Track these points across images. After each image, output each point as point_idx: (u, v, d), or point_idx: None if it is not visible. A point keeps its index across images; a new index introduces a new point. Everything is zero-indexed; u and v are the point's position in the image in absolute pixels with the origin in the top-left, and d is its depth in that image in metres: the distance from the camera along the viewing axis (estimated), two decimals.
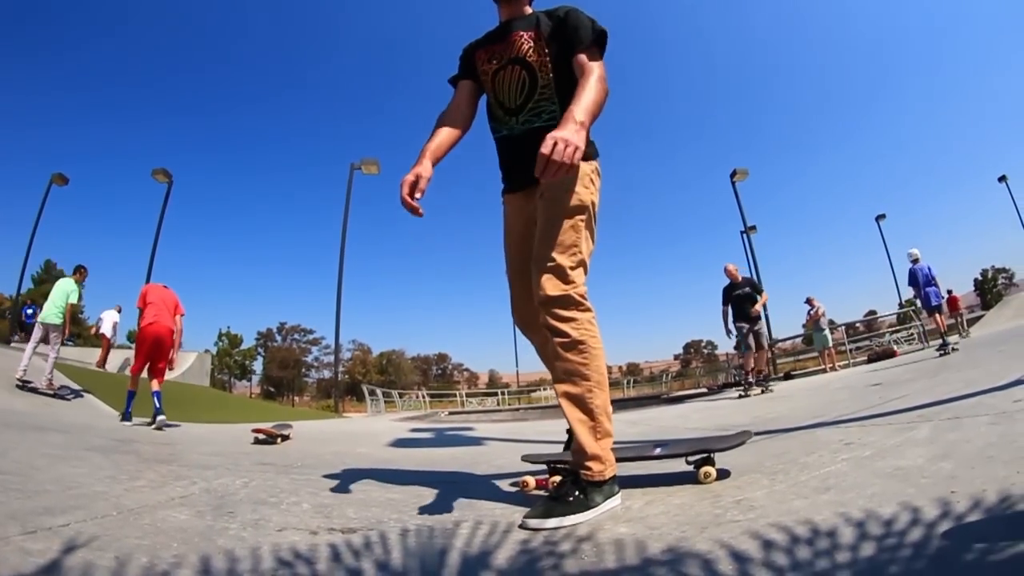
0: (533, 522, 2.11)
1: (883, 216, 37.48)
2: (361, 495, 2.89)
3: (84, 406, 10.44)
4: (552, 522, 2.09)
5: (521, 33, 2.76)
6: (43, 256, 61.95)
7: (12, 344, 19.33)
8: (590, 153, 2.69)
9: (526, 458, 3.16)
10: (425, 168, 2.53)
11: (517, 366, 45.25)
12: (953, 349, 11.59)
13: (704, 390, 21.14)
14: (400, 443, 6.48)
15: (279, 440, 6.08)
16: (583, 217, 2.56)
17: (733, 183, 28.36)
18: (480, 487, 3.11)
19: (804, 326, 20.29)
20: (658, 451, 2.89)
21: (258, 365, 79.17)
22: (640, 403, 20.60)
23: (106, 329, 20.79)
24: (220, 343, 73.48)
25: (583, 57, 2.58)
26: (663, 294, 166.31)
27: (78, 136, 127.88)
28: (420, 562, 1.80)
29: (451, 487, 3.06)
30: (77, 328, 60.23)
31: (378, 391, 27.11)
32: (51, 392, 10.23)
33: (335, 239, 24.35)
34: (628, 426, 7.00)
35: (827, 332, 18.67)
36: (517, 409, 28.01)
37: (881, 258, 36.70)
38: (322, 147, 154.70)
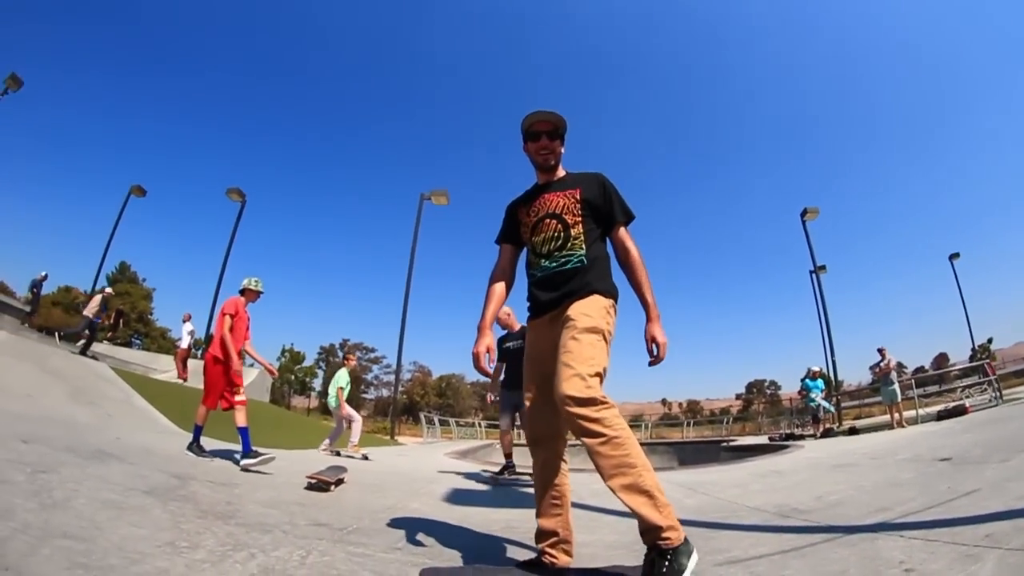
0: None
1: (957, 255, 36.48)
2: None
3: (143, 417, 10.73)
4: None
5: (558, 193, 3.42)
6: (119, 258, 64.64)
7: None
8: (613, 293, 3.30)
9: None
10: (489, 340, 3.25)
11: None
12: None
13: (766, 441, 20.77)
14: (456, 498, 6.47)
15: (333, 488, 6.13)
16: (599, 337, 3.02)
17: (804, 222, 28.10)
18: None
19: (873, 373, 19.83)
20: None
21: (318, 382, 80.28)
22: (699, 450, 20.36)
23: (183, 343, 22.09)
24: (282, 359, 74.87)
25: (624, 232, 3.43)
26: (728, 332, 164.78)
27: (159, 154, 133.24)
28: None
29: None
30: (145, 328, 62.40)
31: (435, 419, 27.31)
32: (359, 456, 11.41)
33: (404, 260, 24.82)
34: (685, 495, 6.87)
35: (896, 387, 18.11)
36: (573, 445, 27.84)
37: (954, 298, 35.70)
38: (396, 174, 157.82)
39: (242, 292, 8.33)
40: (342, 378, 13.36)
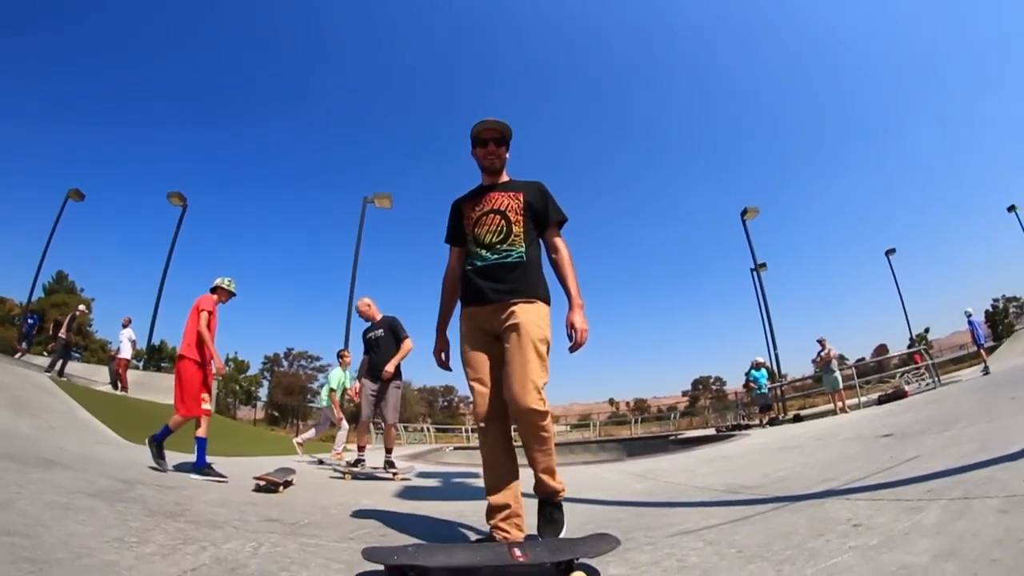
0: (548, 540, 3.22)
1: (893, 251, 37.47)
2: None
3: (88, 430, 10.49)
4: (562, 534, 3.34)
5: (504, 193, 3.72)
6: (56, 267, 62.49)
7: (16, 357, 19.34)
8: (549, 300, 3.65)
9: (369, 556, 2.68)
10: (445, 343, 3.85)
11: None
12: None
13: (712, 432, 21.06)
14: (406, 493, 6.47)
15: (281, 488, 6.06)
16: (546, 348, 3.43)
17: (744, 221, 28.51)
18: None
19: (814, 364, 20.28)
20: (519, 558, 2.73)
21: (263, 391, 79.00)
22: (647, 444, 20.55)
23: (124, 352, 20.91)
24: (226, 368, 73.48)
25: (557, 233, 3.81)
26: (672, 330, 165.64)
27: (96, 155, 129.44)
28: None
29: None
30: (84, 341, 60.53)
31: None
32: (343, 463, 10.00)
33: (346, 265, 24.45)
34: (635, 481, 7.00)
35: (837, 375, 18.60)
36: (520, 445, 27.81)
37: (891, 292, 36.67)
38: (336, 175, 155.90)
39: (213, 291, 7.93)
40: (334, 379, 13.23)
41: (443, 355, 3.84)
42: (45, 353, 22.51)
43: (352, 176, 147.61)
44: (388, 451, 9.27)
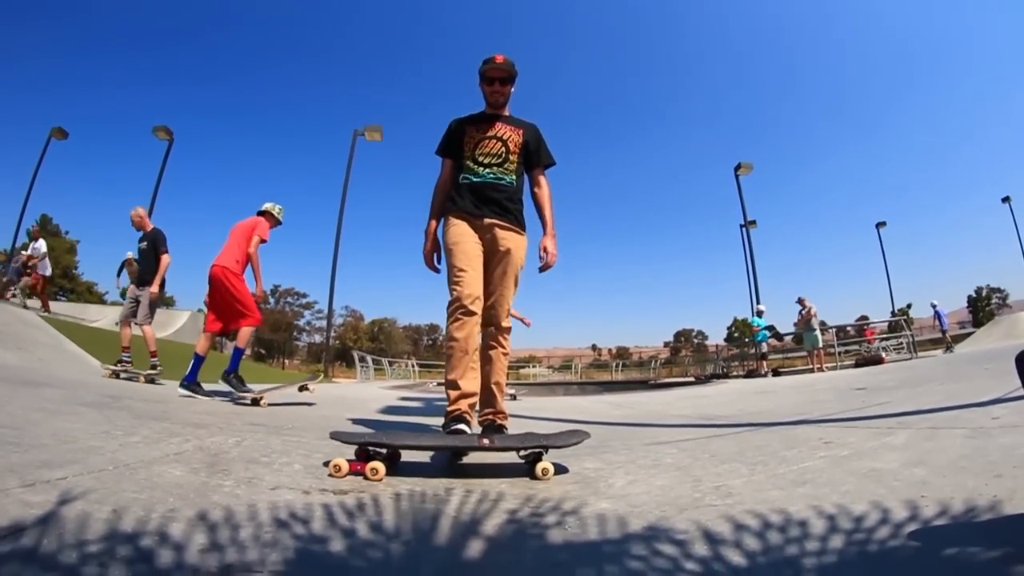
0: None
1: (883, 223, 37.32)
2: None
3: (77, 361, 10.49)
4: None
5: (507, 125, 3.99)
6: (40, 210, 61.68)
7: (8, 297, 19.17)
8: (524, 229, 3.97)
9: (336, 436, 2.82)
10: (437, 244, 4.01)
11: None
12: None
13: (692, 379, 21.27)
14: (389, 411, 6.54)
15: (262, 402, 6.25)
16: (519, 274, 3.89)
17: (737, 176, 28.26)
18: (468, 458, 3.16)
19: (795, 325, 20.30)
20: (486, 442, 2.85)
21: None
22: (627, 387, 20.73)
23: (45, 268, 19.14)
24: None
25: (543, 173, 4.14)
26: (658, 281, 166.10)
27: (80, 92, 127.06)
28: (412, 525, 1.86)
29: (441, 457, 3.13)
30: (71, 284, 59.94)
31: (368, 358, 27.12)
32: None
33: (334, 204, 24.25)
34: (612, 408, 7.12)
35: (818, 332, 18.66)
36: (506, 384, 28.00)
37: (878, 264, 36.60)
38: (325, 110, 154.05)
39: (261, 215, 7.66)
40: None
41: (436, 256, 4.03)
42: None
43: (343, 109, 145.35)
44: (152, 354, 9.26)
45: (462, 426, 3.34)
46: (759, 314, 21.01)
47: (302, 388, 8.22)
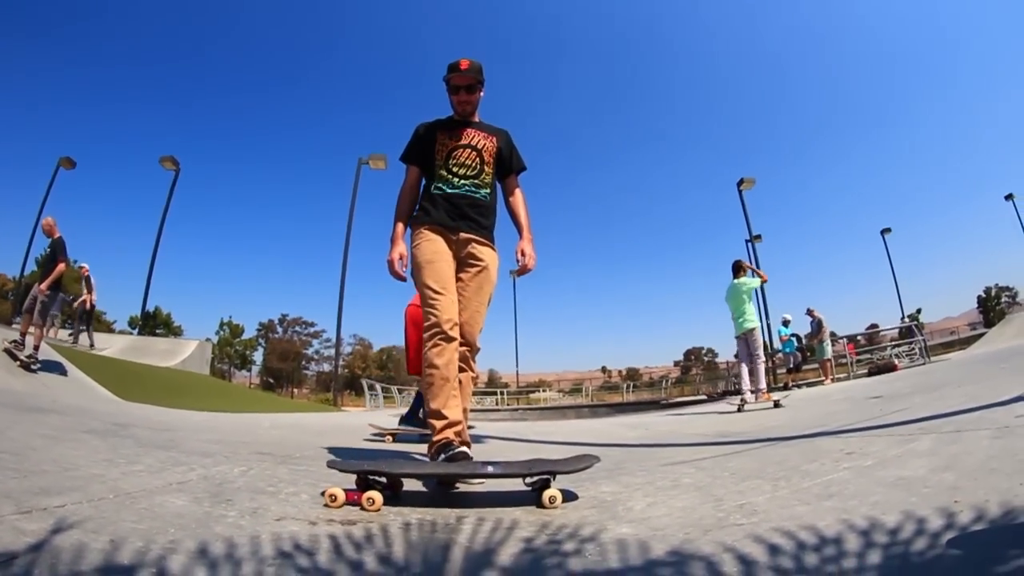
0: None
1: (888, 230, 37.25)
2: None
3: (83, 388, 10.44)
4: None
5: (479, 132, 3.83)
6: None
7: (13, 325, 19.28)
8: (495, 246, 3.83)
9: (333, 465, 2.77)
10: (402, 248, 3.70)
11: (517, 366, 44.95)
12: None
13: (704, 397, 21.10)
14: (400, 439, 6.46)
15: (389, 439, 6.16)
16: (492, 292, 3.76)
17: (740, 192, 28.30)
18: (470, 487, 3.08)
19: (807, 338, 20.10)
20: (491, 469, 2.73)
21: (258, 356, 79.08)
22: (639, 408, 20.60)
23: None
24: (221, 332, 73.42)
25: (516, 180, 4.02)
26: (665, 300, 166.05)
27: (88, 123, 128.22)
28: (424, 557, 1.78)
29: (421, 495, 3.03)
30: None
31: (377, 386, 27.06)
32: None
33: (340, 232, 24.34)
34: (627, 430, 7.01)
35: (827, 344, 18.56)
36: (516, 409, 27.91)
37: (885, 272, 36.48)
38: (330, 139, 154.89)
39: None
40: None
41: (402, 260, 3.70)
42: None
43: (348, 139, 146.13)
44: (35, 348, 10.17)
45: (464, 449, 3.17)
46: (785, 323, 20.68)
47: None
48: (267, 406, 14.97)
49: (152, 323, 54.35)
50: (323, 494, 2.50)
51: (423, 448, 4.80)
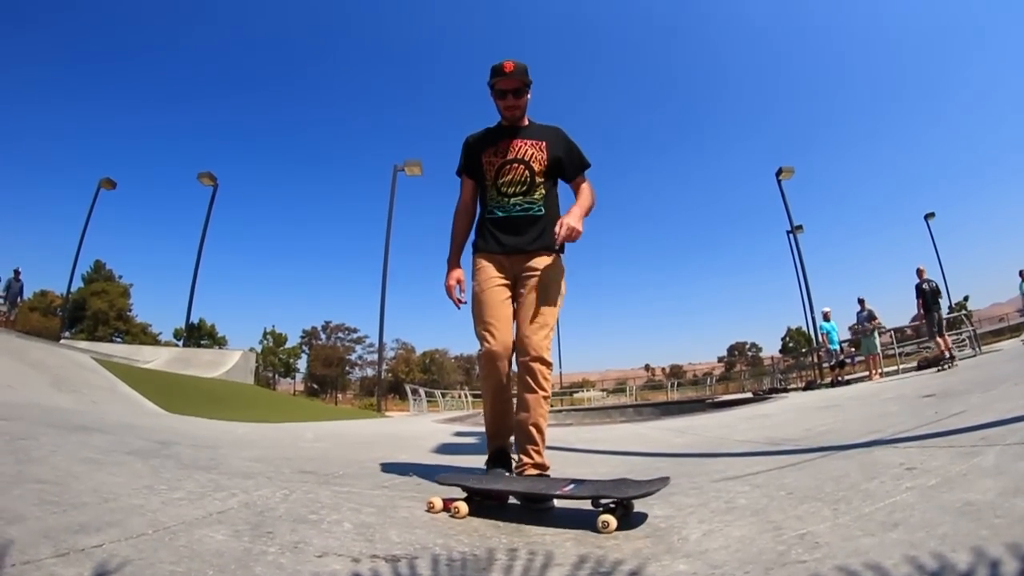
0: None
1: (932, 214, 36.55)
2: (405, 513, 2.81)
3: (129, 403, 10.59)
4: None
5: (527, 142, 3.61)
6: (93, 256, 63.55)
7: (62, 341, 19.70)
8: (563, 251, 3.66)
9: (441, 480, 3.17)
10: (460, 273, 3.66)
11: (560, 367, 44.89)
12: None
13: (749, 395, 20.83)
14: (443, 449, 6.40)
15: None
16: (560, 300, 3.54)
17: (779, 181, 27.98)
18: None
19: (851, 330, 19.71)
20: (569, 488, 2.74)
21: (302, 363, 79.93)
22: (684, 408, 20.34)
23: None
24: (265, 342, 74.43)
25: (582, 177, 3.76)
26: (707, 296, 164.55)
27: (126, 142, 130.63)
28: None
29: (498, 507, 2.97)
30: (126, 325, 61.57)
31: (420, 390, 27.20)
32: None
33: (380, 237, 24.51)
34: (674, 436, 6.88)
35: (876, 338, 18.17)
36: (559, 411, 27.75)
37: (930, 257, 35.75)
38: (368, 145, 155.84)
39: None
40: None
41: (459, 286, 3.65)
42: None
43: (383, 144, 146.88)
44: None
45: (533, 471, 3.26)
46: (826, 318, 20.17)
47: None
48: (310, 414, 15.07)
49: (197, 335, 55.39)
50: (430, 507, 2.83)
51: (477, 461, 4.78)
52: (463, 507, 2.72)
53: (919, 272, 16.02)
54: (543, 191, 3.57)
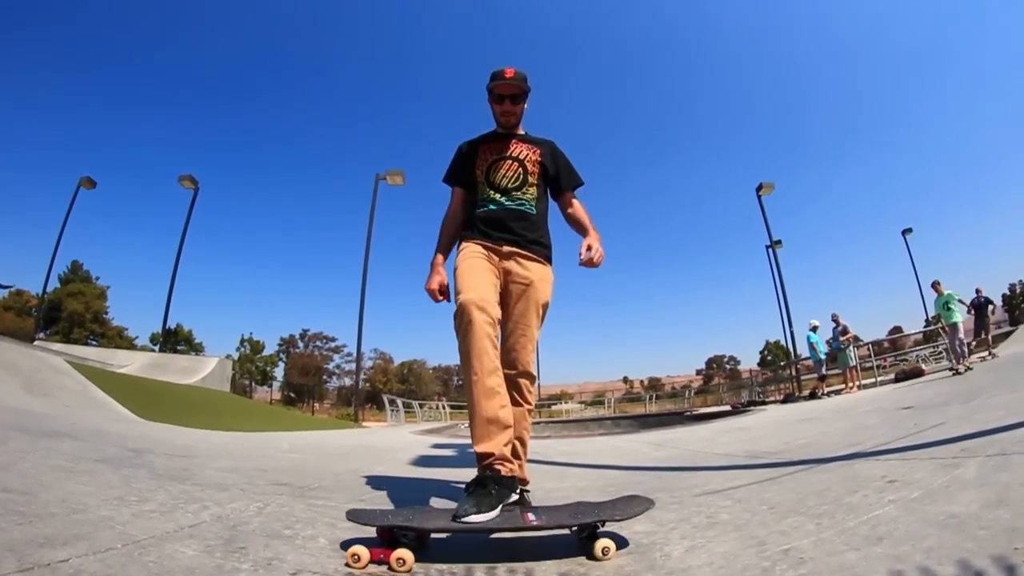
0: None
1: (909, 230, 37.00)
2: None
3: (102, 407, 10.44)
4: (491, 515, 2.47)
5: (523, 144, 3.61)
6: (70, 257, 62.85)
7: (36, 342, 19.44)
8: (551, 259, 3.57)
9: (353, 517, 2.43)
10: (443, 278, 3.46)
11: (538, 379, 44.73)
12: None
13: (728, 408, 20.89)
14: (421, 461, 6.35)
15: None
16: (544, 313, 3.44)
17: (759, 197, 28.21)
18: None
19: (828, 343, 19.81)
20: (532, 519, 2.38)
21: (279, 371, 79.53)
22: (663, 420, 20.34)
23: None
24: (242, 349, 73.94)
25: (572, 194, 3.75)
26: (686, 309, 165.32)
27: (106, 141, 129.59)
28: None
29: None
30: (101, 328, 60.97)
31: (398, 401, 27.10)
32: None
33: (360, 246, 24.37)
34: (652, 449, 6.87)
35: (851, 351, 18.36)
36: (537, 423, 27.66)
37: (907, 273, 36.17)
38: (349, 153, 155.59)
39: None
40: None
41: (441, 286, 3.43)
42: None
43: (365, 153, 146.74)
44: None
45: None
46: (814, 329, 20.27)
47: None
48: (287, 424, 14.94)
49: (173, 340, 54.86)
50: (344, 548, 2.26)
51: (456, 474, 4.72)
52: (408, 557, 2.11)
53: (977, 291, 19.08)
54: (535, 192, 3.54)
